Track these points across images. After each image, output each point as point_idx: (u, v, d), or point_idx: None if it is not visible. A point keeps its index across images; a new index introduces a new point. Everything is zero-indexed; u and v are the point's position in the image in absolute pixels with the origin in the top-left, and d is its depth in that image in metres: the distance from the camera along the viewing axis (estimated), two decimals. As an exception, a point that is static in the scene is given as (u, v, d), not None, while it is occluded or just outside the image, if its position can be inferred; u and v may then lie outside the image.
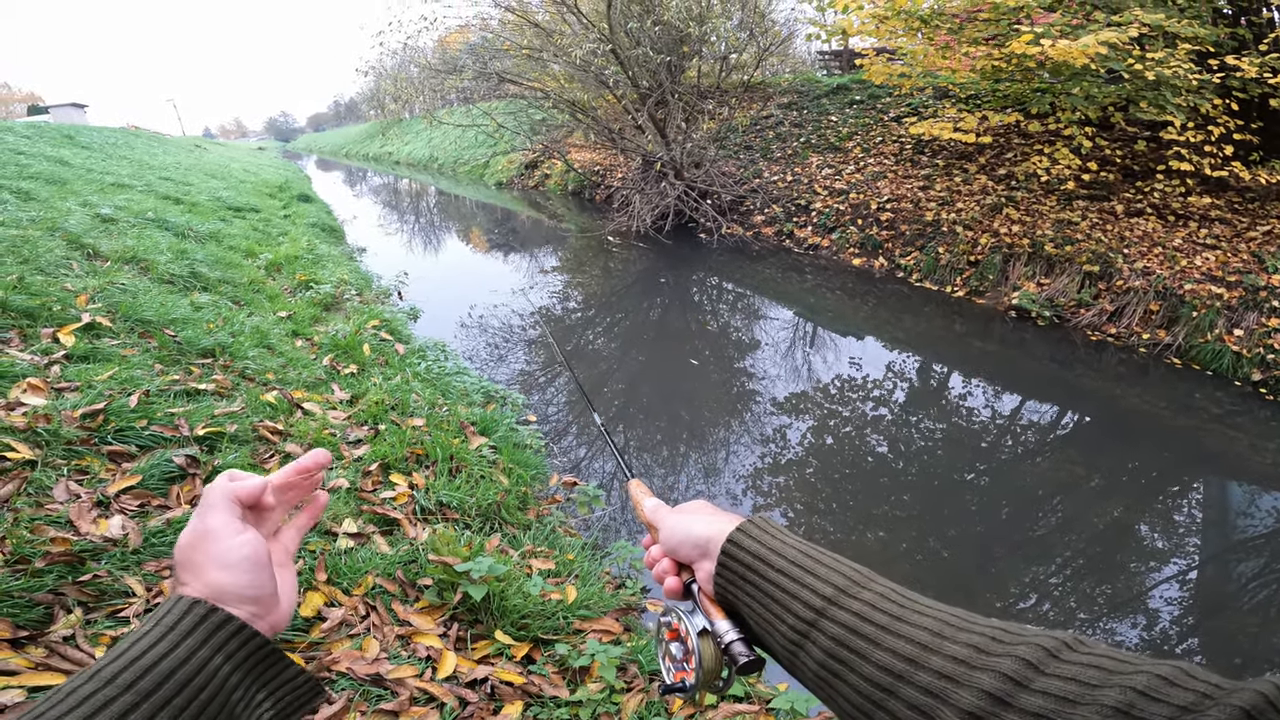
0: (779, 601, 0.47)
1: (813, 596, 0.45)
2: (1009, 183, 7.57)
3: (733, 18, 9.73)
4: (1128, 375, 5.30)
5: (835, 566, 0.47)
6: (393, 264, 7.49)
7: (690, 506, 0.62)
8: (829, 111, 10.66)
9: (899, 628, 0.40)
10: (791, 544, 0.51)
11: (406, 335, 4.53)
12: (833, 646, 0.42)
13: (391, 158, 29.18)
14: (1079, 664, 0.33)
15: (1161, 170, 6.48)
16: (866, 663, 0.40)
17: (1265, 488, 3.93)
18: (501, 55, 10.81)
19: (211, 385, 2.60)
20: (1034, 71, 6.42)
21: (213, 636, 0.42)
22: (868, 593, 0.44)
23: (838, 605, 0.44)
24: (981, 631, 0.38)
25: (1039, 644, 0.35)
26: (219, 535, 0.46)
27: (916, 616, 0.41)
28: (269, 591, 0.47)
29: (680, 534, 0.58)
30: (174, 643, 0.41)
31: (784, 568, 0.48)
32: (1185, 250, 6.01)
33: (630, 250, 8.83)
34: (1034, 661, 0.34)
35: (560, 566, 2.27)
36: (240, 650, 0.43)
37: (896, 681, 0.38)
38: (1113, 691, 0.30)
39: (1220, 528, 3.54)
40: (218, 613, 0.43)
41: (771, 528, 0.53)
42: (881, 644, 0.40)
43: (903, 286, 7.18)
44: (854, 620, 0.42)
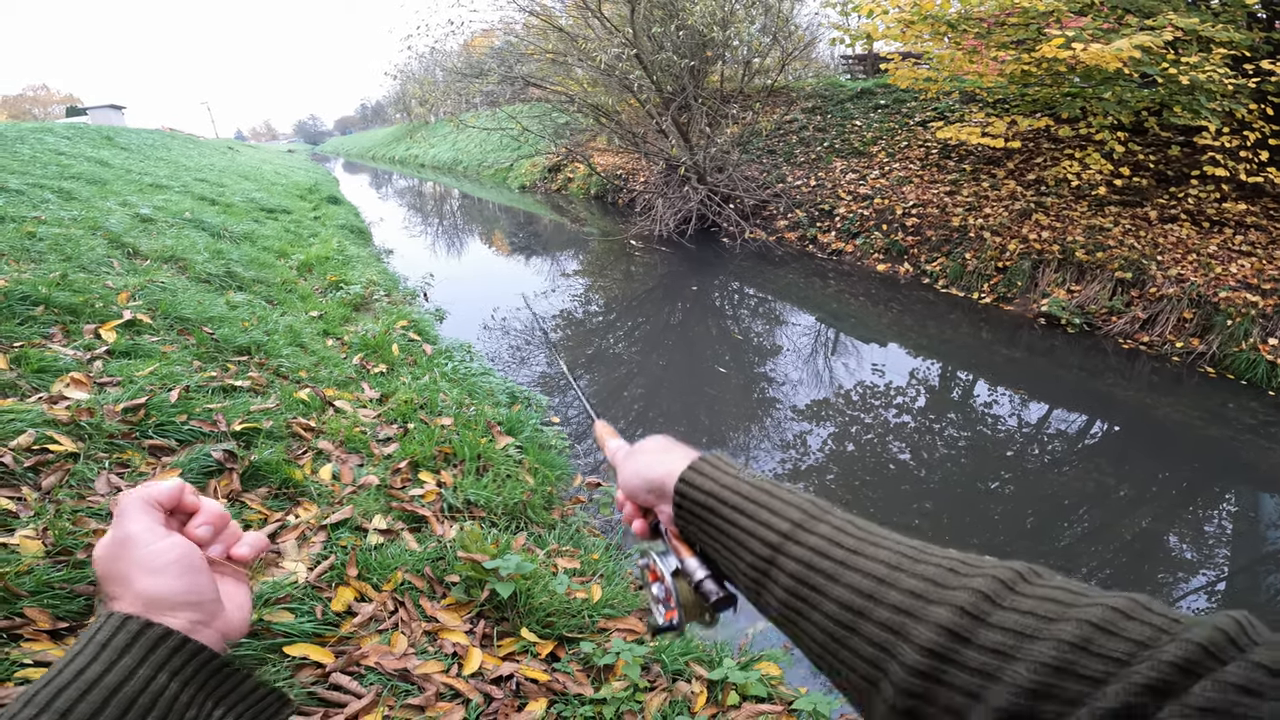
0: (736, 540, 0.46)
1: (769, 533, 0.44)
2: (1038, 188, 7.46)
3: (756, 22, 9.71)
4: (1160, 384, 5.19)
5: (791, 500, 0.46)
6: (419, 265, 7.61)
7: (647, 445, 0.59)
8: (853, 116, 10.59)
9: (856, 561, 0.40)
10: (746, 479, 0.49)
11: (433, 336, 4.59)
12: (792, 584, 0.42)
13: (417, 161, 29.59)
14: (1035, 597, 0.33)
15: (1196, 176, 6.34)
16: (826, 599, 0.39)
17: None
18: (526, 59, 10.92)
19: (247, 382, 2.67)
20: (1064, 76, 6.33)
21: (152, 653, 0.39)
22: (824, 525, 0.43)
23: (794, 540, 0.43)
24: (938, 563, 0.37)
25: (995, 575, 0.34)
26: (140, 541, 0.42)
27: (873, 549, 0.40)
28: (208, 596, 0.43)
29: (634, 480, 0.57)
30: (109, 662, 0.37)
31: (739, 504, 0.47)
32: (1220, 257, 5.87)
33: (652, 254, 8.85)
34: (990, 594, 0.34)
35: (585, 566, 2.29)
36: (187, 666, 0.40)
37: (856, 618, 0.38)
38: (1069, 625, 0.30)
39: (1251, 539, 3.45)
40: (154, 628, 0.39)
41: (725, 464, 0.52)
42: (839, 579, 0.39)
43: (928, 293, 7.10)
44: (811, 555, 0.41)
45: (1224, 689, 0.25)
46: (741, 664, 1.97)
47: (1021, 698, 0.30)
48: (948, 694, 0.32)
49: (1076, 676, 0.29)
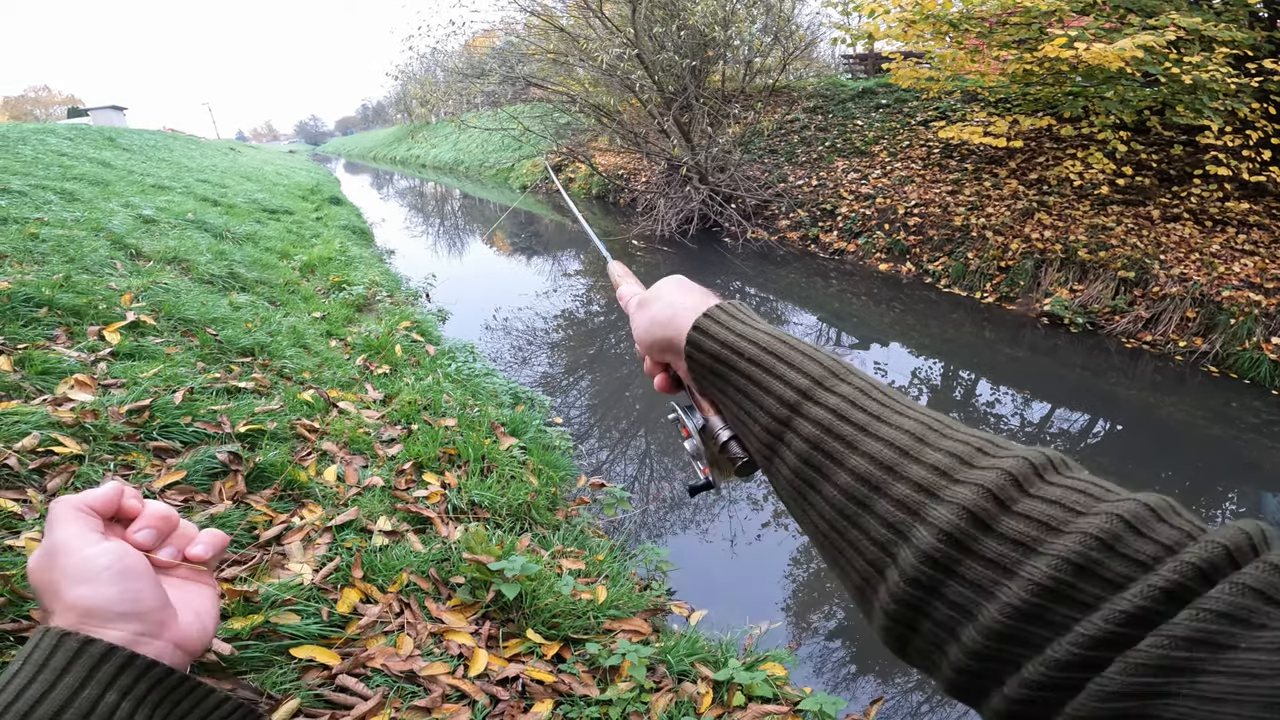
0: (750, 397, 0.42)
1: (786, 390, 0.40)
2: (1040, 187, 7.45)
3: (757, 22, 9.71)
4: (1163, 383, 5.18)
5: (812, 354, 0.42)
6: (421, 266, 7.61)
7: (660, 291, 0.54)
8: (854, 115, 10.59)
9: (877, 428, 0.36)
10: (764, 330, 0.45)
11: (436, 337, 4.59)
12: (806, 450, 0.38)
13: (418, 161, 29.61)
14: (1064, 486, 0.30)
15: (1198, 175, 6.34)
16: (841, 469, 0.36)
17: None
18: (527, 59, 10.92)
19: (251, 384, 2.67)
20: (1066, 75, 6.32)
21: (95, 672, 0.35)
22: (845, 385, 0.39)
23: (812, 400, 0.39)
24: (965, 440, 0.34)
25: (1026, 458, 0.32)
26: (71, 547, 0.38)
27: (897, 417, 0.36)
28: (150, 605, 0.38)
29: (645, 335, 0.53)
30: (48, 683, 0.34)
31: (755, 356, 0.43)
32: (1223, 256, 5.86)
33: (654, 254, 8.85)
34: (1019, 478, 0.31)
35: (590, 567, 2.29)
36: (138, 684, 0.36)
37: (871, 493, 0.34)
38: (1097, 519, 0.28)
39: None
40: (95, 644, 0.35)
41: (741, 313, 0.48)
42: (858, 447, 0.36)
43: (930, 292, 7.09)
44: (829, 418, 0.38)
45: (1240, 591, 0.24)
46: (747, 664, 1.97)
47: (1036, 596, 0.28)
48: (957, 588, 0.30)
49: (1098, 579, 0.27)
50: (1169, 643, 0.24)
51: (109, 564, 0.38)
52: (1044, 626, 0.27)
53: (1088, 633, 0.26)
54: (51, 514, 0.40)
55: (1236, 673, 0.23)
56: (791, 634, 2.57)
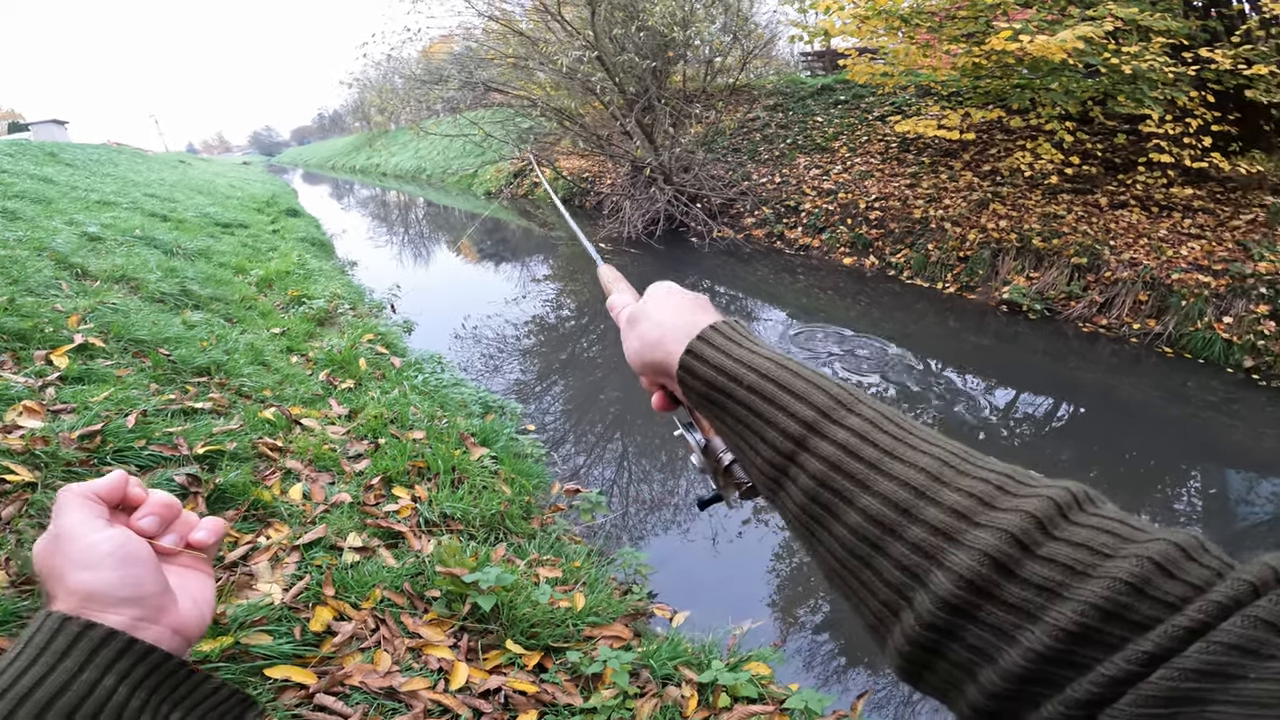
0: (751, 429, 0.40)
1: (790, 423, 0.38)
2: (994, 178, 7.66)
3: (716, 21, 9.79)
4: (1120, 366, 5.36)
5: (817, 382, 0.39)
6: (384, 277, 7.47)
7: (649, 306, 0.51)
8: (814, 112, 10.74)
9: (890, 466, 0.34)
10: (763, 355, 0.42)
11: (402, 348, 4.52)
12: (814, 488, 0.36)
13: (378, 169, 29.12)
14: (1090, 527, 0.29)
15: (1143, 163, 6.55)
16: (852, 509, 0.34)
17: (1263, 474, 3.98)
18: (486, 64, 10.82)
19: (208, 404, 2.59)
20: (1013, 68, 6.49)
21: (95, 656, 0.35)
22: (854, 418, 0.37)
23: (819, 433, 0.37)
24: (985, 477, 0.33)
25: (1050, 498, 0.31)
26: (76, 534, 0.39)
27: (911, 452, 0.35)
28: (151, 590, 0.39)
29: (636, 358, 0.51)
30: (49, 666, 0.34)
31: (755, 385, 0.41)
32: (1170, 240, 6.09)
33: (622, 256, 8.85)
34: (1044, 519, 0.30)
35: (567, 574, 2.27)
36: (136, 668, 0.36)
37: (885, 536, 0.33)
38: (1126, 563, 0.27)
39: (1222, 516, 3.57)
40: (96, 628, 0.36)
41: (737, 334, 0.45)
42: (870, 486, 0.34)
43: (894, 284, 7.23)
44: (838, 454, 0.36)
45: (1252, 623, 0.24)
46: (730, 665, 1.97)
47: (1060, 641, 0.27)
48: (977, 632, 0.30)
49: (1126, 622, 0.26)
50: (1178, 675, 0.24)
51: (111, 550, 0.39)
52: (1067, 668, 0.27)
53: (1109, 673, 0.26)
54: (58, 501, 0.41)
55: (1245, 702, 0.23)
56: (778, 630, 2.58)
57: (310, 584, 1.81)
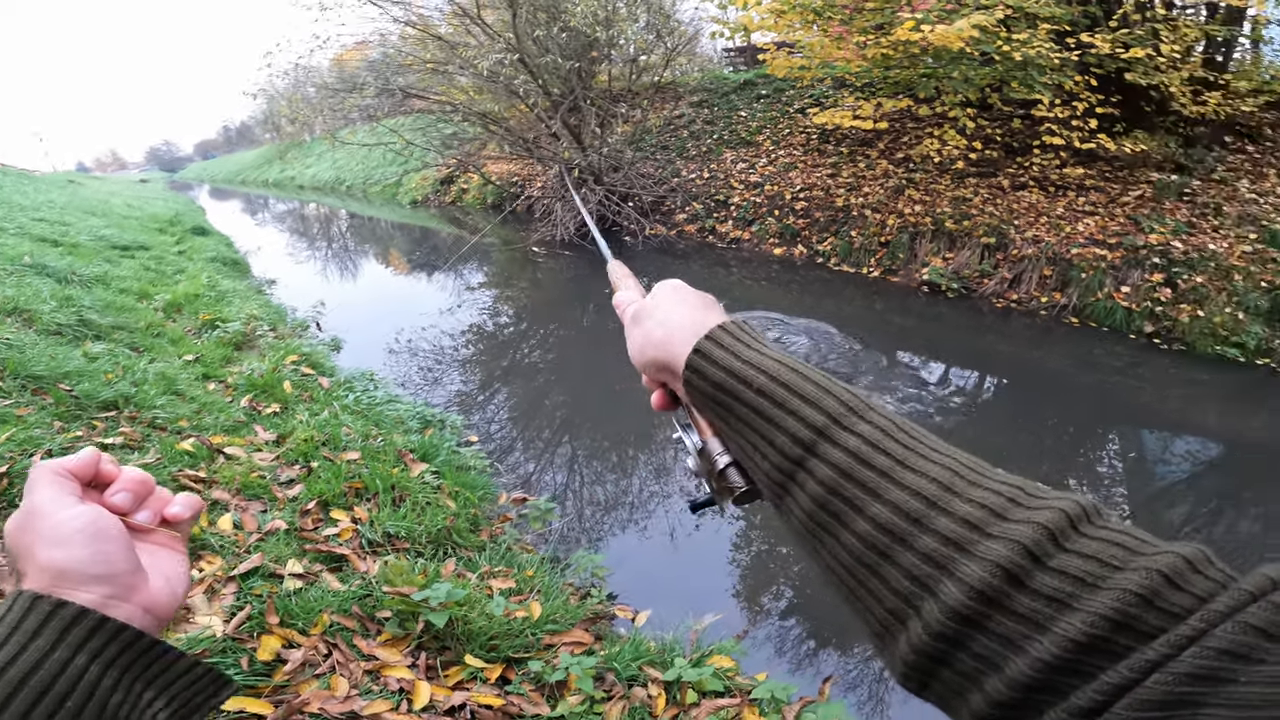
0: (759, 431, 0.40)
1: (799, 427, 0.38)
2: (907, 165, 8.03)
3: (639, 20, 9.84)
4: (1033, 338, 5.73)
5: (827, 387, 0.39)
6: (307, 294, 7.13)
7: (655, 304, 0.51)
8: (738, 107, 10.97)
9: (901, 475, 0.34)
10: (772, 357, 0.42)
11: (330, 368, 4.34)
12: (822, 495, 0.36)
13: (294, 182, 27.81)
14: (1101, 539, 0.30)
15: (1038, 145, 6.97)
16: (861, 517, 0.34)
17: (1174, 433, 4.33)
18: (404, 70, 10.50)
19: (120, 439, 2.41)
20: (919, 58, 6.80)
21: (66, 635, 0.35)
22: (864, 425, 0.37)
23: (829, 439, 0.37)
24: (996, 489, 0.33)
25: (1061, 509, 0.31)
26: (46, 511, 0.38)
27: (922, 462, 0.35)
28: (122, 568, 0.39)
29: (640, 356, 0.50)
30: (20, 645, 0.34)
31: (764, 387, 0.40)
32: (1068, 218, 6.55)
33: (557, 259, 8.78)
34: (1055, 531, 0.30)
35: (521, 584, 2.23)
36: (108, 646, 0.36)
37: (894, 544, 0.33)
38: (1136, 575, 0.28)
39: (1141, 476, 3.84)
40: (67, 606, 0.35)
41: (745, 335, 0.44)
42: (881, 495, 0.34)
43: (823, 271, 7.47)
44: (848, 461, 0.36)
45: (1243, 629, 0.25)
46: (694, 660, 1.98)
47: (1069, 651, 0.28)
48: (985, 641, 0.30)
49: (1133, 632, 0.27)
50: (1173, 679, 0.25)
51: (82, 527, 0.38)
52: (1073, 676, 0.28)
53: (1112, 681, 0.27)
54: (30, 479, 0.40)
55: (1235, 705, 0.24)
56: (745, 618, 2.60)
57: (252, 613, 1.72)
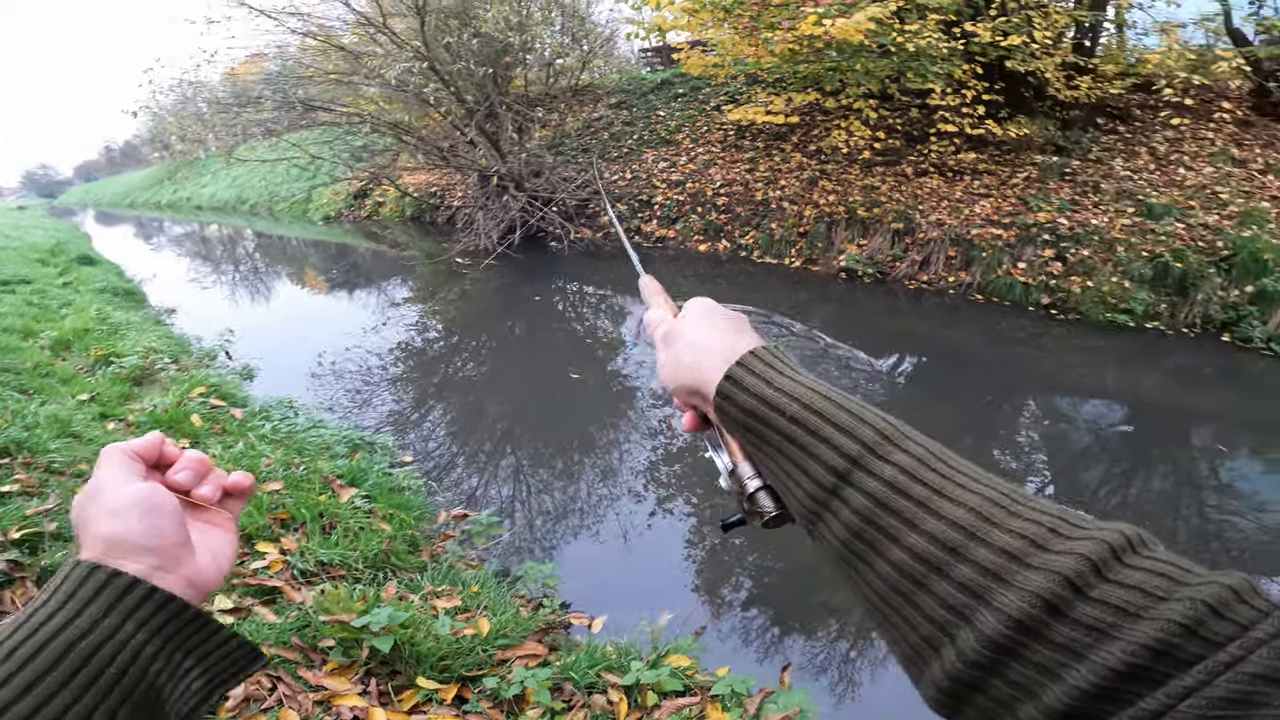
0: (791, 459, 0.40)
1: (834, 456, 0.38)
2: (819, 157, 8.35)
3: (554, 24, 9.79)
4: (944, 316, 6.08)
5: (862, 415, 0.39)
6: (214, 322, 6.70)
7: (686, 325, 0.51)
8: (657, 107, 11.10)
9: (939, 504, 0.34)
10: (806, 384, 0.42)
11: (242, 398, 4.12)
12: (857, 523, 0.36)
13: (190, 203, 26.04)
14: (1144, 570, 0.29)
15: (934, 133, 7.38)
16: (897, 546, 0.34)
17: (1081, 397, 4.69)
18: (306, 82, 10.04)
19: (15, 486, 2.23)
20: (824, 51, 7.01)
21: (119, 602, 0.38)
22: (900, 454, 0.37)
23: (864, 468, 0.37)
24: (1036, 519, 0.33)
25: (1105, 540, 0.31)
26: (108, 486, 0.42)
27: (960, 491, 0.35)
28: (170, 540, 0.41)
29: (670, 379, 0.50)
30: (75, 611, 0.36)
31: (798, 415, 0.40)
32: (966, 200, 6.99)
33: (482, 270, 8.62)
34: (1098, 562, 0.30)
35: (467, 601, 2.19)
36: (155, 616, 0.38)
37: (931, 573, 0.33)
38: (1180, 605, 0.27)
39: (1056, 441, 4.11)
40: (121, 576, 0.38)
41: (778, 361, 0.44)
42: (918, 524, 0.34)
43: (747, 265, 7.67)
44: (884, 490, 0.36)
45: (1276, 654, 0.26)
46: (651, 662, 1.98)
47: (1106, 680, 0.27)
48: (1020, 669, 0.29)
49: (1172, 660, 0.27)
50: (1206, 704, 0.25)
51: (138, 500, 0.41)
52: (1109, 703, 0.28)
53: (1149, 707, 0.26)
54: (99, 459, 0.44)
55: None
56: (707, 612, 2.60)
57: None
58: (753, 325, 0.51)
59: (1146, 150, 7.08)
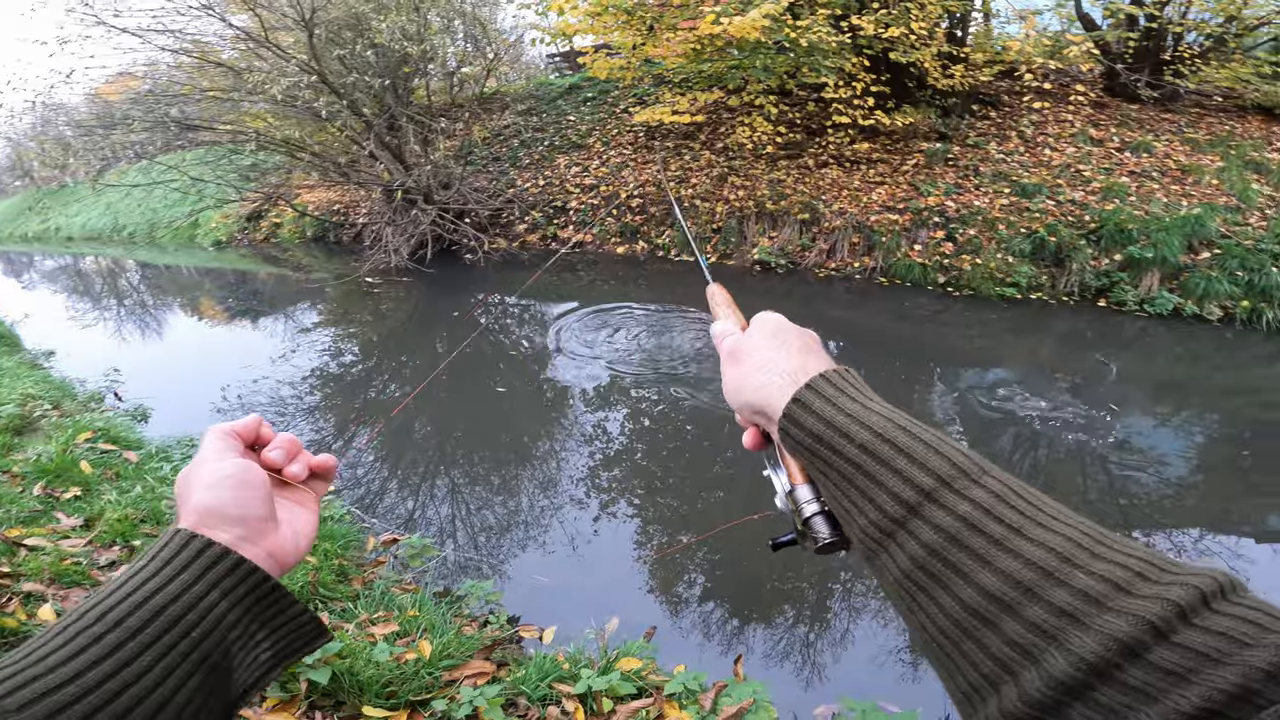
0: (857, 486, 0.38)
1: (904, 488, 0.36)
2: (727, 154, 8.60)
3: (456, 32, 9.56)
4: (854, 300, 6.42)
5: (937, 446, 0.37)
6: (99, 362, 6.16)
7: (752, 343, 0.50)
8: (566, 112, 11.07)
9: (1016, 543, 0.33)
10: (878, 411, 0.40)
11: (136, 441, 3.83)
12: (924, 557, 0.35)
13: (60, 234, 23.70)
14: (1232, 616, 0.28)
15: (830, 126, 7.71)
16: (967, 583, 0.33)
17: (985, 367, 5.05)
18: (181, 101, 9.36)
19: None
20: (725, 50, 7.15)
21: (209, 571, 0.40)
22: (979, 490, 0.35)
23: (937, 502, 0.35)
24: (1122, 562, 0.31)
25: (1195, 585, 0.29)
26: (206, 462, 0.46)
27: (1041, 531, 0.33)
28: (257, 514, 0.45)
29: (735, 398, 0.50)
30: (168, 577, 0.39)
31: (868, 443, 0.38)
32: (863, 189, 7.40)
33: (395, 287, 8.34)
34: (1186, 609, 0.28)
35: (405, 625, 2.13)
36: (239, 586, 0.41)
37: (1001, 612, 0.31)
38: (1265, 652, 0.26)
39: (969, 410, 4.41)
40: (213, 547, 0.41)
41: (849, 386, 0.43)
42: (991, 562, 0.32)
43: (665, 264, 7.80)
44: (957, 526, 0.34)
45: None
46: (601, 668, 1.99)
47: None
48: (1084, 710, 0.29)
49: (1249, 704, 0.26)
50: None
51: (232, 474, 0.45)
52: None
53: None
54: (204, 436, 0.48)
55: None
56: (664, 612, 2.62)
57: None
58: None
59: (1016, 134, 7.73)
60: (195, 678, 0.37)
